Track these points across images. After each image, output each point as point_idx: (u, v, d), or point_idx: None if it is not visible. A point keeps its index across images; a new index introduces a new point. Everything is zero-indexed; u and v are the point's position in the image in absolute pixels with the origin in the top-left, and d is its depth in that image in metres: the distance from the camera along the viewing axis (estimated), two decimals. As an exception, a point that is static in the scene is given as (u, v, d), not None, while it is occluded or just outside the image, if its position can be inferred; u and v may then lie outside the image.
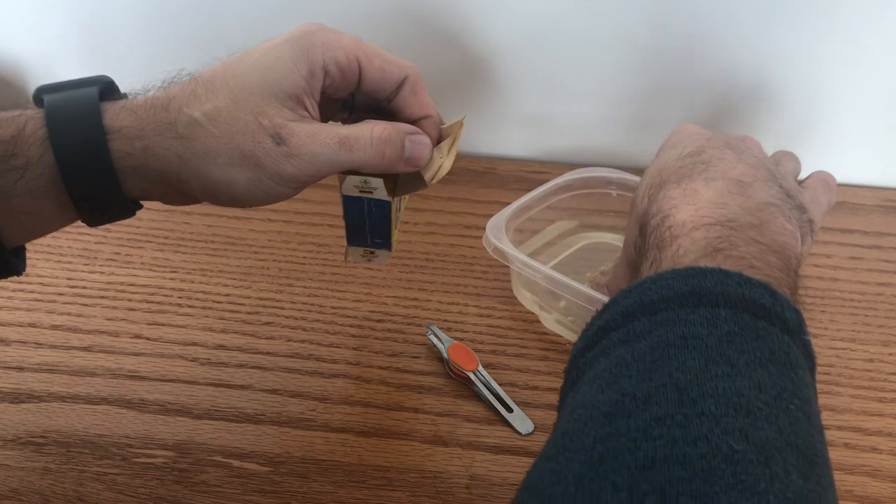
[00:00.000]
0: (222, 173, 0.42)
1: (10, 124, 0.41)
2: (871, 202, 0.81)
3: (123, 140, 0.41)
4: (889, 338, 0.64)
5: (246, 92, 0.42)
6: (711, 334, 0.34)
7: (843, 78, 0.78)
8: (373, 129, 0.44)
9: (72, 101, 0.42)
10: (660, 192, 0.46)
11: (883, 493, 0.52)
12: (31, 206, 0.41)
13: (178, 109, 0.42)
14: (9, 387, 0.59)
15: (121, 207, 0.44)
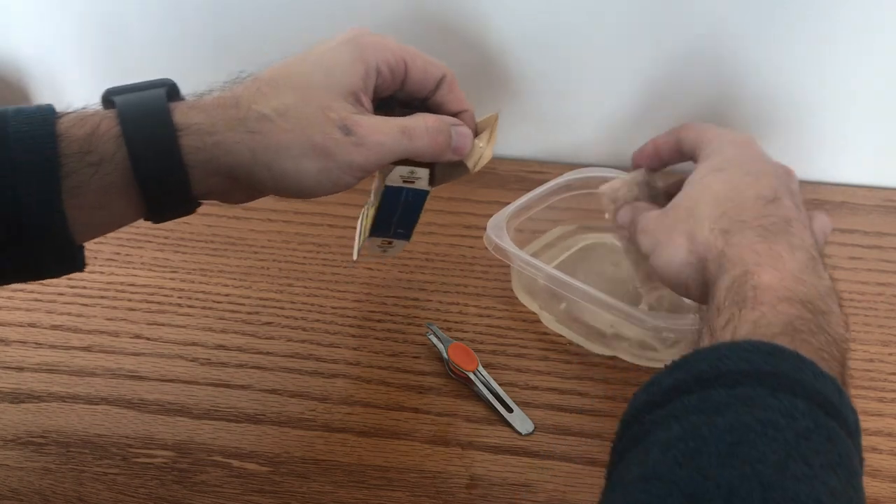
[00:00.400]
0: (294, 165, 0.45)
1: (84, 123, 0.43)
2: (871, 202, 0.81)
3: (194, 136, 0.44)
4: (889, 338, 0.64)
5: (311, 89, 0.46)
6: (790, 426, 0.34)
7: (843, 78, 0.78)
8: (426, 119, 0.48)
9: (142, 101, 0.44)
10: (739, 237, 0.45)
11: (883, 493, 0.52)
12: (102, 201, 0.43)
13: (248, 107, 0.45)
14: (9, 387, 0.59)
15: (184, 203, 0.46)
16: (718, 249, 0.45)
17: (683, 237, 0.47)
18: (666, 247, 0.48)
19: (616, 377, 0.60)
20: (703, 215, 0.47)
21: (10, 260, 0.43)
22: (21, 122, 0.42)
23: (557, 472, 0.53)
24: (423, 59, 0.50)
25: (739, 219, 0.46)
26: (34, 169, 0.41)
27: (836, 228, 0.76)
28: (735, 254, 0.44)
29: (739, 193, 0.47)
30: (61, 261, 0.44)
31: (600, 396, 0.59)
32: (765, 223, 0.45)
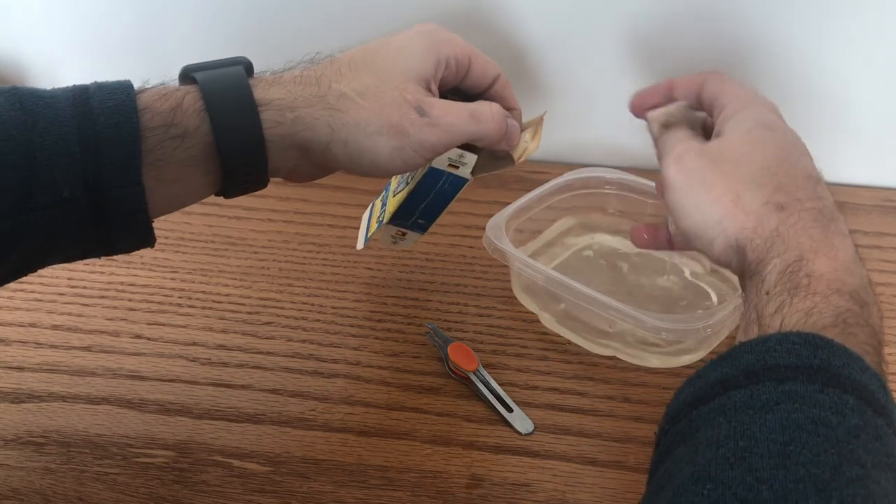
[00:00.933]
0: (371, 142, 0.47)
1: (168, 98, 0.45)
2: (871, 202, 0.81)
3: (274, 111, 0.46)
4: (889, 338, 0.64)
5: (389, 73, 0.48)
6: (840, 424, 0.33)
7: (843, 78, 0.78)
8: (491, 105, 0.51)
9: (223, 77, 0.46)
10: (796, 217, 0.43)
11: (883, 493, 0.52)
12: (180, 174, 0.45)
13: (328, 85, 0.47)
14: (9, 387, 0.59)
15: (258, 177, 0.48)
16: (772, 227, 0.43)
17: (729, 197, 0.44)
18: (702, 198, 0.45)
19: (616, 377, 0.60)
20: (756, 180, 0.44)
21: (92, 232, 0.44)
22: (104, 96, 0.43)
23: (557, 472, 0.53)
24: (483, 58, 0.52)
25: (796, 196, 0.44)
26: (117, 142, 0.42)
27: (836, 228, 0.77)
28: (791, 236, 0.42)
29: (792, 166, 0.45)
30: (136, 234, 0.46)
31: (600, 396, 0.59)
32: (819, 206, 0.44)
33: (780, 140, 0.46)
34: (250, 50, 0.86)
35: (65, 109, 0.43)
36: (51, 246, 0.44)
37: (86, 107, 0.43)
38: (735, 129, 0.47)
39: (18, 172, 0.41)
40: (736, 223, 0.44)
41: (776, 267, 0.42)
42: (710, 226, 0.45)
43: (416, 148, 0.48)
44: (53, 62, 0.89)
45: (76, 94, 0.44)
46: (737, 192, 0.44)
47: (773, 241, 0.43)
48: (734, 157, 0.46)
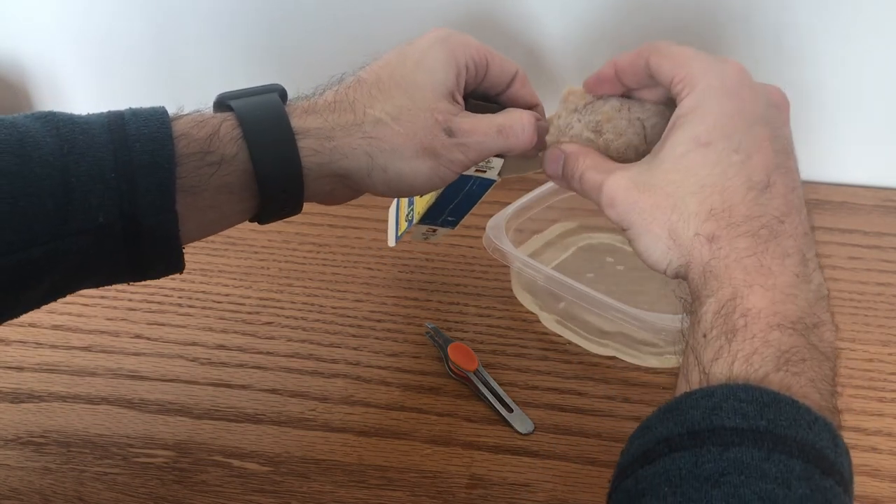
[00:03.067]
0: (409, 166, 0.47)
1: (204, 125, 0.45)
2: (871, 202, 0.81)
3: (312, 139, 0.46)
4: (889, 338, 0.64)
5: (420, 91, 0.48)
6: (787, 497, 0.33)
7: (842, 78, 0.78)
8: (521, 117, 0.50)
9: (260, 105, 0.46)
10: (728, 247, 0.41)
11: (883, 493, 0.52)
12: (216, 201, 0.45)
13: (363, 111, 0.47)
14: (9, 387, 0.59)
15: (295, 203, 0.48)
16: (704, 261, 0.41)
17: (665, 232, 0.43)
18: (644, 234, 0.43)
19: (616, 377, 0.60)
20: (687, 210, 0.42)
21: (124, 258, 0.44)
22: (140, 123, 0.44)
23: (557, 472, 0.53)
24: (499, 57, 0.51)
25: (728, 222, 0.41)
26: (153, 169, 0.43)
27: (836, 228, 0.77)
28: (723, 271, 0.40)
29: (728, 180, 0.42)
30: (167, 261, 0.46)
31: (600, 396, 0.59)
32: (755, 227, 0.41)
33: (717, 156, 0.42)
34: (251, 50, 0.86)
35: (100, 136, 0.43)
36: (83, 271, 0.44)
37: (121, 133, 0.43)
38: (669, 151, 0.43)
39: (55, 198, 0.41)
40: (675, 257, 0.42)
41: (711, 307, 0.40)
42: (658, 262, 0.44)
43: (448, 166, 0.48)
44: (54, 63, 0.89)
45: (112, 119, 0.44)
46: (670, 225, 0.42)
47: (706, 277, 0.41)
48: (668, 191, 0.43)
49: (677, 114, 0.44)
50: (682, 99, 0.44)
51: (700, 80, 0.44)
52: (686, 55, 0.45)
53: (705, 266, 0.41)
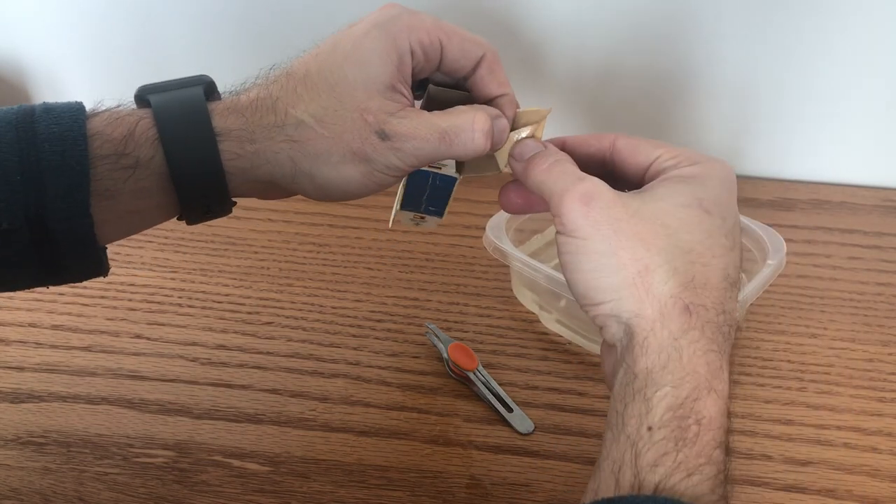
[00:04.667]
0: (336, 172, 0.43)
1: (119, 124, 0.42)
2: (871, 202, 0.81)
3: (233, 142, 0.42)
4: (889, 338, 0.64)
5: (348, 87, 0.43)
6: None
7: (842, 77, 0.78)
8: (473, 121, 0.44)
9: (180, 102, 0.42)
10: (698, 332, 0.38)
11: (883, 493, 0.52)
12: (134, 206, 0.42)
13: (285, 111, 0.43)
14: (9, 387, 0.59)
15: (221, 207, 0.45)
16: (672, 335, 0.37)
17: (636, 267, 0.38)
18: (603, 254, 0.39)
19: (616, 377, 0.60)
20: (672, 262, 0.38)
21: (35, 263, 0.41)
22: (51, 121, 0.40)
23: (557, 472, 0.53)
24: (460, 37, 0.45)
25: (702, 302, 0.38)
26: (63, 171, 0.40)
27: (836, 228, 0.77)
28: (688, 358, 0.37)
29: (714, 258, 0.39)
30: (86, 265, 0.43)
31: (600, 396, 0.59)
32: (722, 321, 0.38)
33: (711, 227, 0.39)
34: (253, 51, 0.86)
35: (6, 134, 0.40)
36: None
37: (30, 132, 0.40)
38: (668, 195, 0.40)
39: None
40: (634, 302, 0.38)
41: (667, 398, 0.36)
42: (602, 289, 0.39)
43: (383, 171, 0.44)
44: (54, 63, 0.89)
45: (20, 117, 0.41)
46: (646, 264, 0.38)
47: (670, 356, 0.37)
48: (657, 224, 0.39)
49: (675, 173, 0.41)
50: (681, 168, 0.41)
51: (701, 160, 0.42)
52: (673, 146, 0.43)
53: (672, 341, 0.37)
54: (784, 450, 0.55)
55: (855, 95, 0.79)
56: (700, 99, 0.81)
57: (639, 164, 0.43)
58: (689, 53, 0.78)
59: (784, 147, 0.83)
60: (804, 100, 0.80)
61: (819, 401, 0.59)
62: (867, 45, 0.76)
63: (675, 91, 0.81)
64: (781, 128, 0.82)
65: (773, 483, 0.53)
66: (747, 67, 0.78)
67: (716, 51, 0.78)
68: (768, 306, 0.67)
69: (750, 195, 0.81)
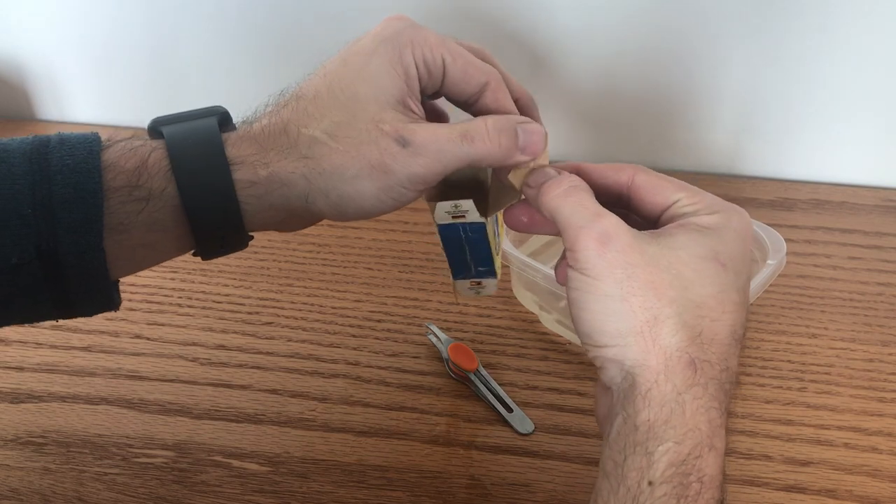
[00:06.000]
0: (352, 187, 0.42)
1: (132, 155, 0.41)
2: (871, 202, 0.81)
3: (247, 169, 0.41)
4: (889, 338, 0.64)
5: (360, 103, 0.42)
6: None
7: (842, 77, 0.78)
8: (486, 120, 0.42)
9: (193, 133, 0.42)
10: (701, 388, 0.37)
11: (883, 493, 0.52)
12: (147, 239, 0.41)
13: (297, 131, 0.42)
14: (9, 387, 0.59)
15: (237, 240, 0.43)
16: (676, 389, 0.37)
17: (645, 316, 0.37)
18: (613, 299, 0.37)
19: (616, 377, 0.60)
20: (683, 314, 0.37)
21: (47, 297, 0.41)
22: (64, 152, 0.40)
23: (557, 472, 0.53)
24: (464, 60, 0.44)
25: (708, 357, 0.37)
26: (76, 204, 0.39)
27: (836, 228, 0.77)
28: (691, 414, 0.36)
29: (724, 313, 0.38)
30: (97, 300, 0.42)
31: (600, 396, 0.59)
32: (724, 378, 0.38)
33: (727, 284, 0.39)
34: (254, 51, 0.86)
35: (19, 166, 0.39)
36: (2, 310, 0.41)
37: (43, 163, 0.39)
38: (685, 245, 0.39)
39: None
40: (639, 350, 0.37)
41: (669, 453, 0.36)
42: (609, 333, 0.38)
43: (403, 183, 0.42)
44: (54, 64, 0.89)
45: (35, 147, 0.40)
46: (656, 314, 0.37)
47: (673, 410, 0.36)
48: (671, 274, 0.38)
49: (693, 220, 0.39)
50: (699, 215, 0.40)
51: (721, 208, 0.40)
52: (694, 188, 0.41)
53: (676, 396, 0.37)
54: (784, 450, 0.55)
55: (855, 95, 0.79)
56: (701, 99, 0.81)
57: (657, 204, 0.41)
58: (690, 54, 0.78)
59: (784, 147, 0.83)
60: (804, 100, 0.80)
61: (819, 401, 0.58)
62: (867, 46, 0.76)
63: (677, 91, 0.81)
64: (781, 128, 0.82)
65: (774, 483, 0.53)
66: (748, 68, 0.78)
67: (717, 51, 0.78)
68: (768, 306, 0.67)
69: (750, 195, 0.81)
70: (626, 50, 0.79)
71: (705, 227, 0.39)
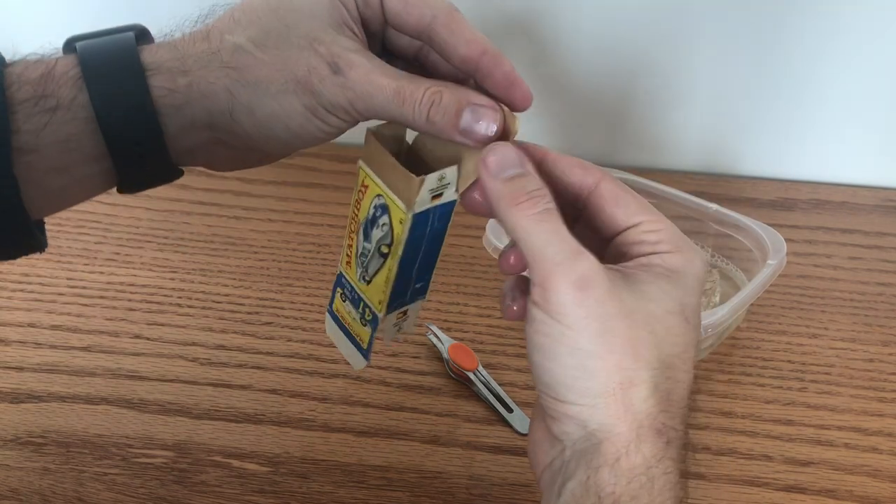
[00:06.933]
0: (277, 103, 0.38)
1: (38, 66, 0.37)
2: (871, 202, 0.81)
3: (164, 75, 0.37)
4: (889, 338, 0.64)
5: (294, 12, 0.38)
6: None
7: (842, 78, 0.78)
8: (429, 87, 0.37)
9: (107, 42, 0.38)
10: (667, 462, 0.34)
11: (883, 494, 0.52)
12: (60, 161, 0.37)
13: (220, 37, 0.38)
14: (9, 387, 0.59)
15: (160, 162, 0.39)
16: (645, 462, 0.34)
17: (619, 377, 0.34)
18: (588, 357, 0.34)
19: (616, 377, 0.60)
20: (655, 377, 0.34)
21: None
22: None
23: (557, 473, 0.53)
24: None
25: (672, 423, 0.35)
26: None
27: (837, 228, 0.77)
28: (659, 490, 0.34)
29: (685, 373, 0.36)
30: (16, 239, 0.38)
31: (600, 396, 0.59)
32: (679, 446, 0.35)
33: (690, 340, 0.36)
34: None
35: None
36: None
37: None
38: (657, 297, 0.35)
39: None
40: (609, 415, 0.34)
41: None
42: (577, 390, 0.34)
43: (329, 108, 0.37)
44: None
45: None
46: (632, 377, 0.34)
47: (643, 485, 0.34)
48: (647, 331, 0.34)
49: (657, 263, 0.36)
50: (661, 254, 0.36)
51: (681, 247, 0.36)
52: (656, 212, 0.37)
53: (646, 469, 0.34)
54: (784, 450, 0.55)
55: (855, 95, 0.79)
56: (701, 99, 0.81)
57: (616, 219, 0.37)
58: (690, 53, 0.78)
59: (784, 147, 0.83)
60: (805, 100, 0.79)
61: (819, 401, 0.58)
62: (867, 45, 0.76)
63: (677, 91, 0.81)
64: (781, 128, 0.82)
65: (774, 483, 0.53)
66: (749, 68, 0.78)
67: (717, 51, 0.78)
68: (769, 306, 0.67)
69: (750, 195, 0.81)
70: (626, 48, 0.79)
71: (672, 272, 0.35)
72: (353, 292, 0.42)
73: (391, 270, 0.38)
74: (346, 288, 0.42)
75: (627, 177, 0.70)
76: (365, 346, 0.42)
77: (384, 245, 0.38)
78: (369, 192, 0.38)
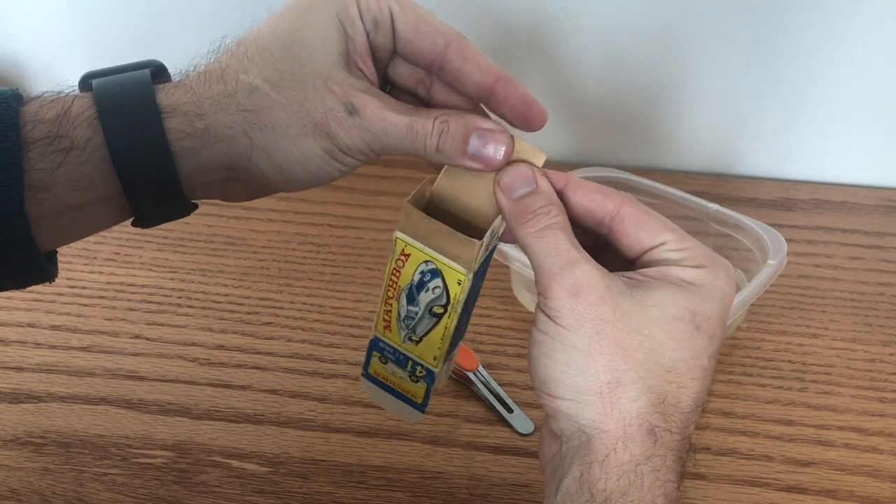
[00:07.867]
0: (296, 146, 0.38)
1: (53, 105, 0.37)
2: (871, 202, 0.81)
3: (181, 118, 0.38)
4: (890, 338, 0.64)
5: (307, 49, 0.38)
6: None
7: (842, 78, 0.78)
8: (436, 117, 0.38)
9: (123, 82, 0.38)
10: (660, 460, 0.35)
11: (883, 494, 0.52)
12: (74, 199, 0.37)
13: (235, 77, 0.38)
14: (8, 387, 0.59)
15: (175, 201, 0.39)
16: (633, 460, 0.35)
17: (607, 378, 0.35)
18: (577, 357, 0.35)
19: (616, 377, 0.60)
20: (647, 379, 0.35)
21: None
22: None
23: (557, 473, 0.53)
24: (416, 16, 0.39)
25: (669, 426, 0.35)
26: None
27: (837, 228, 0.77)
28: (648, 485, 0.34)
29: (691, 380, 0.36)
30: (26, 272, 0.39)
31: (600, 396, 0.59)
32: (682, 449, 0.36)
33: (699, 349, 0.36)
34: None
35: None
36: None
37: None
38: (661, 303, 0.35)
39: None
40: (596, 412, 0.35)
41: None
42: (566, 385, 0.35)
43: (346, 150, 0.38)
44: (52, 62, 0.89)
45: None
46: (619, 377, 0.35)
47: (632, 482, 0.34)
48: (641, 335, 0.35)
49: (676, 272, 0.36)
50: (684, 266, 0.36)
51: (708, 263, 0.37)
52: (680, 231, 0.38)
53: (635, 465, 0.35)
54: (785, 450, 0.55)
55: (855, 95, 0.79)
56: (701, 99, 0.81)
57: (640, 241, 0.37)
58: (690, 54, 0.78)
59: (784, 147, 0.83)
60: (804, 100, 0.79)
61: (820, 401, 0.58)
62: (867, 45, 0.76)
63: (677, 91, 0.81)
64: (782, 128, 0.81)
65: (774, 484, 0.52)
66: (749, 68, 0.78)
67: (718, 52, 0.78)
68: (769, 306, 0.67)
69: (750, 195, 0.81)
70: (628, 49, 0.79)
71: (687, 283, 0.36)
72: (395, 353, 0.44)
73: (447, 328, 0.40)
74: (387, 350, 0.44)
75: (627, 177, 0.70)
76: (420, 401, 0.44)
77: (437, 306, 0.40)
78: (412, 259, 0.38)
